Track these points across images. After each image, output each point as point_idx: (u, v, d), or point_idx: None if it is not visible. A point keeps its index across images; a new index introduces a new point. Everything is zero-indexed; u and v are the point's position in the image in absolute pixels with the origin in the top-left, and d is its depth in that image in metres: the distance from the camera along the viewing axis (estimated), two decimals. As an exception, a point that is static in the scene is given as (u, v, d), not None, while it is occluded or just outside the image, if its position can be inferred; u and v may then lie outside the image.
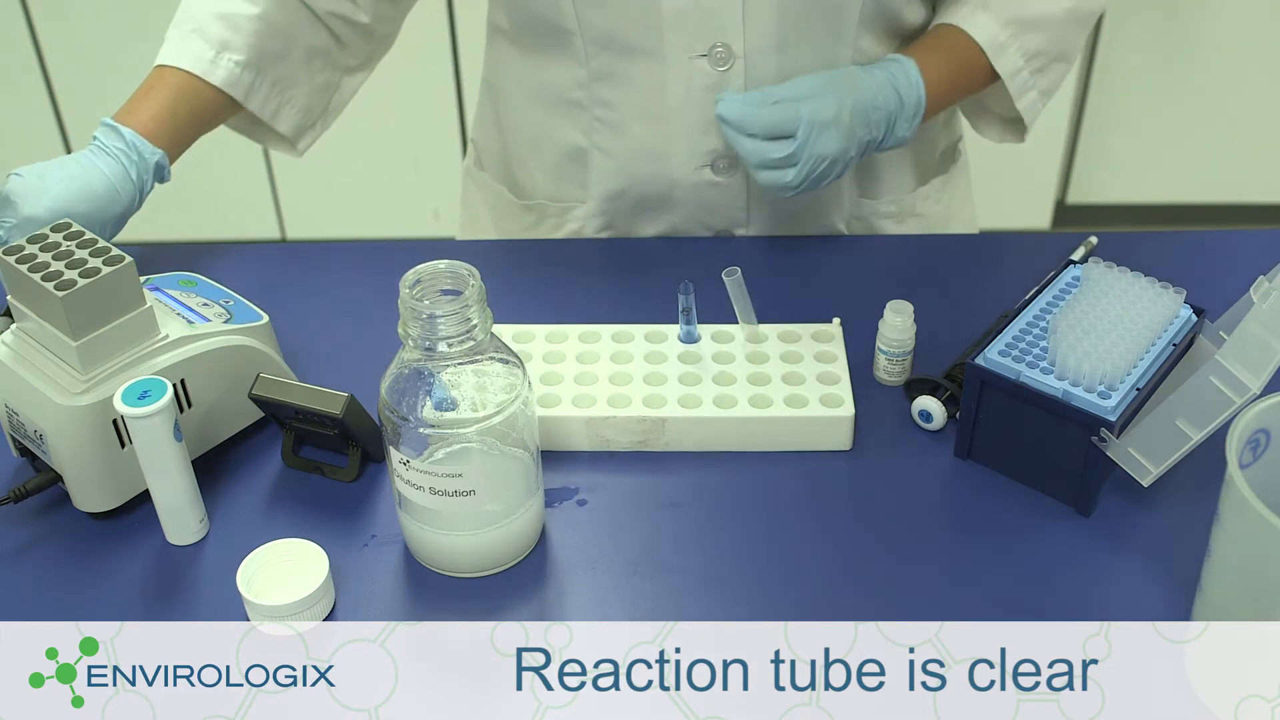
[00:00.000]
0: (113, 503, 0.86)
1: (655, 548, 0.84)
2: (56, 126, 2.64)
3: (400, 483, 0.79)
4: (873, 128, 1.02)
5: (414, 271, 0.76)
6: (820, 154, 0.98)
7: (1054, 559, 0.83)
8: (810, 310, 1.02)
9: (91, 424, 0.83)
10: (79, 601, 0.82)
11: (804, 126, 0.97)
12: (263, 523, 0.87)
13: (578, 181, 1.16)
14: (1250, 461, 0.72)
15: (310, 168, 2.74)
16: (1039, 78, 1.10)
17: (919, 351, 0.98)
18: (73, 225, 0.87)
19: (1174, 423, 0.78)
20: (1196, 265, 1.10)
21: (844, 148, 1.00)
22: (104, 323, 0.83)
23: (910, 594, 0.81)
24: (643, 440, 0.91)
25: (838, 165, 1.01)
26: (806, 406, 0.91)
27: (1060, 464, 0.85)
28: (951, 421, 0.93)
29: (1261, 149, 2.74)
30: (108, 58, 2.57)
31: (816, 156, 0.99)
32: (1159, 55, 2.62)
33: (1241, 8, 2.54)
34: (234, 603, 0.80)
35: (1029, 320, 0.90)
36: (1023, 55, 1.08)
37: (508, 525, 0.81)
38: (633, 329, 0.99)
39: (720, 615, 0.79)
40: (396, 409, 0.76)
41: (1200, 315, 0.91)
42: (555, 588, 0.82)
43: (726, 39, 1.02)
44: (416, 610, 0.81)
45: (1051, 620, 0.79)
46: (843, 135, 0.99)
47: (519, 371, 0.78)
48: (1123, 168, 2.78)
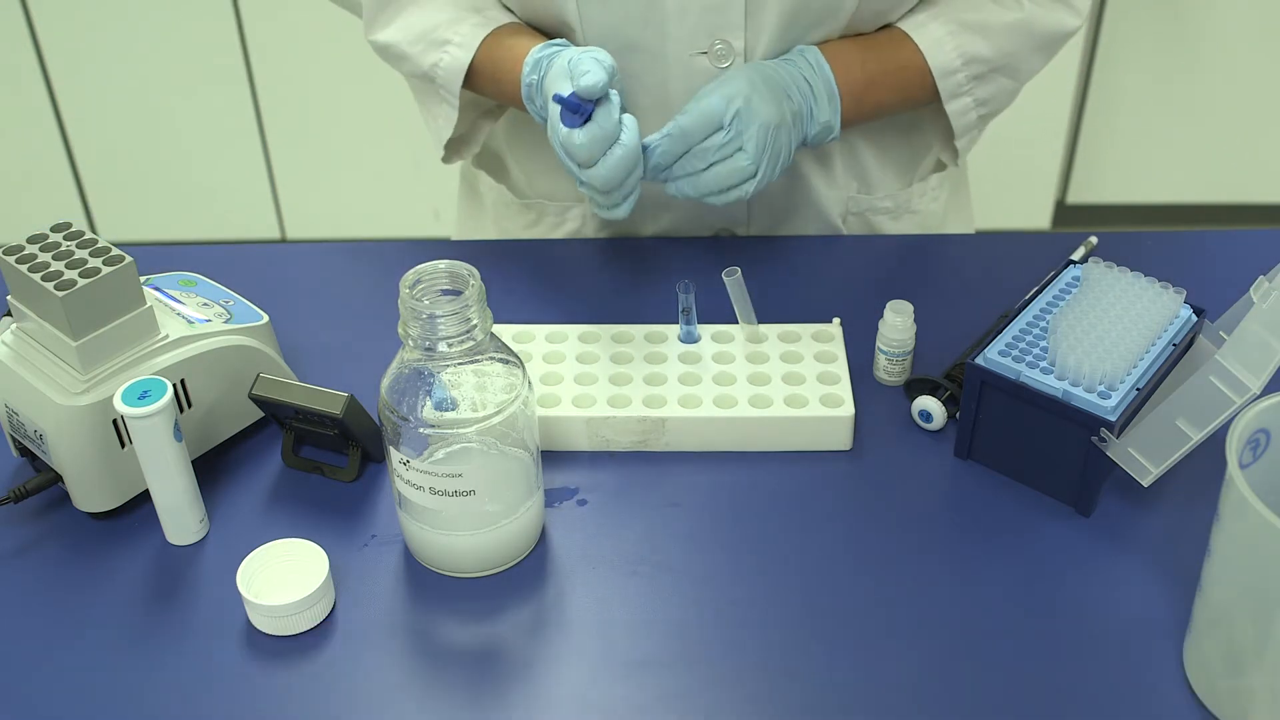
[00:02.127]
0: (113, 503, 0.86)
1: (655, 548, 0.84)
2: (56, 126, 2.64)
3: (400, 483, 0.79)
4: (793, 98, 0.97)
5: (414, 271, 0.76)
6: (762, 122, 0.93)
7: (1054, 559, 0.83)
8: (810, 310, 1.02)
9: (91, 424, 0.83)
10: (79, 601, 0.82)
11: (727, 103, 0.93)
12: (263, 523, 0.87)
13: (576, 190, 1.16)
14: (1250, 461, 0.72)
15: (310, 168, 2.76)
16: (977, 85, 1.06)
17: (919, 351, 0.98)
18: (72, 225, 0.87)
19: (1174, 423, 0.78)
20: (1196, 265, 1.10)
21: (779, 111, 0.95)
22: (104, 323, 0.83)
23: (910, 594, 0.81)
24: (643, 440, 0.92)
25: (783, 132, 0.96)
26: (806, 406, 0.91)
27: (1060, 464, 0.85)
28: (951, 421, 0.93)
29: (1261, 149, 2.74)
30: (108, 58, 2.57)
31: (759, 126, 0.93)
32: (1159, 55, 2.62)
33: (1241, 8, 2.54)
34: (234, 603, 0.80)
35: (1029, 320, 0.90)
36: (960, 56, 1.04)
37: (508, 525, 0.81)
38: (633, 329, 0.99)
39: (720, 615, 0.79)
40: (396, 409, 0.76)
41: (1200, 315, 0.91)
42: (555, 588, 0.82)
43: (727, 36, 1.02)
44: (416, 610, 0.81)
45: (1051, 620, 0.79)
46: (771, 100, 0.95)
47: (519, 371, 0.78)
48: (1123, 168, 2.78)
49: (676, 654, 0.77)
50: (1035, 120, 2.62)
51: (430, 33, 1.06)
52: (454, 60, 1.05)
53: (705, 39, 1.02)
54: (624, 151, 0.89)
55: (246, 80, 2.59)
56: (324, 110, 2.60)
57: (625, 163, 0.90)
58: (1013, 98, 1.10)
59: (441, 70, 1.06)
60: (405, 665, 0.77)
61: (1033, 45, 1.07)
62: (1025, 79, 1.09)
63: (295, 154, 2.68)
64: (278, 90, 2.61)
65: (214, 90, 2.60)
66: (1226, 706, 0.72)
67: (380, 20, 1.09)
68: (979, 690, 0.75)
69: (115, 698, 0.75)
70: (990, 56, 1.05)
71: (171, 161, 2.70)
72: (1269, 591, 0.66)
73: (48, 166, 2.68)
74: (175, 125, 2.65)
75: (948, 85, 1.05)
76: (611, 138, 0.89)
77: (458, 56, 1.05)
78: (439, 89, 1.08)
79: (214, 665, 0.77)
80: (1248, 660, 0.69)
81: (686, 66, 1.04)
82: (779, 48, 1.03)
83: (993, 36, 1.04)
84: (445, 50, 1.06)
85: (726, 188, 0.95)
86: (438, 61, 1.06)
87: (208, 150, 2.69)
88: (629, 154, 0.90)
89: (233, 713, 0.74)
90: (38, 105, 2.61)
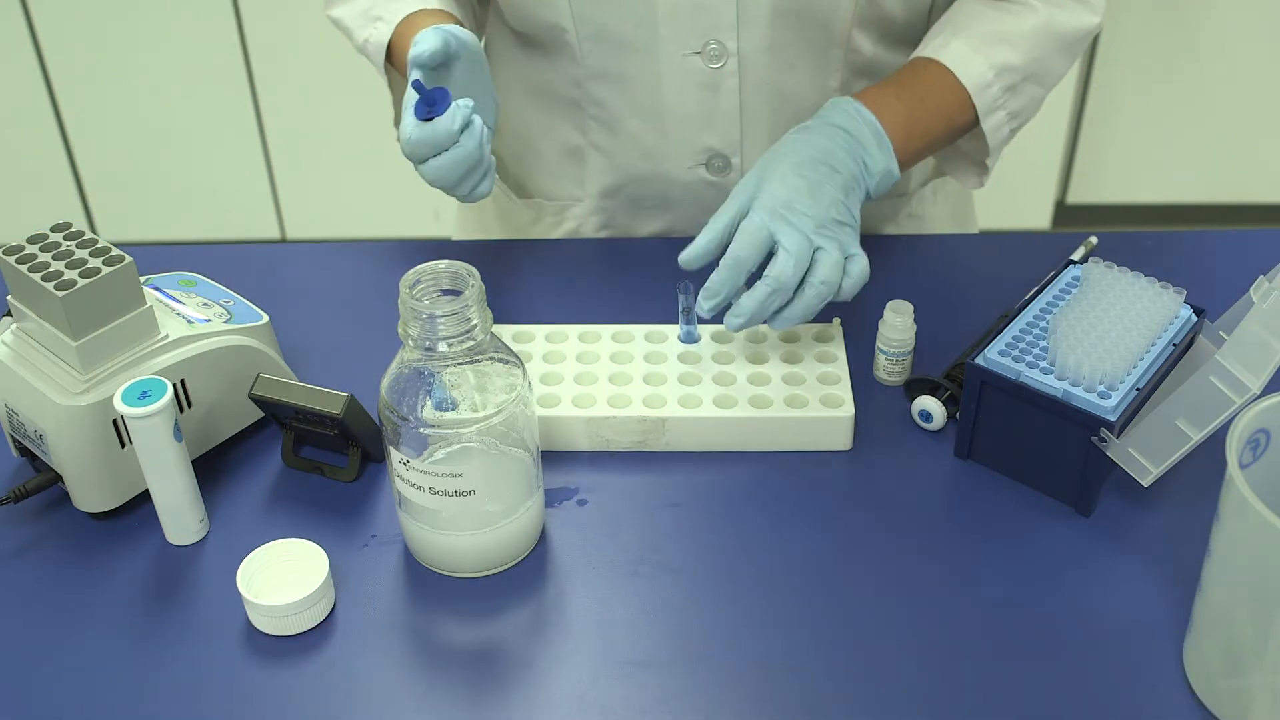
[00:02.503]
0: (113, 503, 0.86)
1: (655, 548, 0.84)
2: (56, 126, 2.64)
3: (400, 483, 0.79)
4: (839, 169, 0.92)
5: (414, 271, 0.76)
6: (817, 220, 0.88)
7: (1054, 559, 0.83)
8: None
9: (91, 424, 0.83)
10: (79, 601, 0.82)
11: (770, 219, 0.87)
12: (263, 523, 0.87)
13: (575, 179, 1.16)
14: (1250, 461, 0.72)
15: (310, 168, 2.75)
16: (1010, 97, 1.03)
17: (919, 351, 0.98)
18: (72, 225, 0.87)
19: (1174, 423, 0.78)
20: (1196, 265, 1.10)
21: (826, 199, 0.89)
22: (104, 323, 0.83)
23: (910, 594, 0.81)
24: (643, 440, 0.92)
25: (833, 210, 0.90)
26: (806, 406, 0.91)
27: (1060, 464, 0.85)
28: (951, 421, 0.93)
29: (1261, 149, 2.74)
30: (108, 58, 2.57)
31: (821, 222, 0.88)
32: (1158, 55, 2.62)
33: (1241, 8, 2.54)
34: (234, 603, 0.80)
35: (1029, 320, 0.90)
36: (990, 67, 1.01)
37: (508, 525, 0.81)
38: (632, 329, 0.99)
39: (720, 616, 0.79)
40: (396, 409, 0.76)
41: (1200, 315, 0.91)
42: (555, 588, 0.82)
43: (720, 36, 1.02)
44: (416, 610, 0.81)
45: (1051, 620, 0.79)
46: (811, 191, 0.89)
47: (519, 371, 0.78)
48: (1123, 168, 2.78)
49: (676, 654, 0.77)
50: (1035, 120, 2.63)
51: (370, 9, 1.07)
52: (379, 35, 1.06)
53: (698, 39, 1.02)
54: (455, 156, 0.90)
55: (246, 80, 2.59)
56: (324, 110, 2.60)
57: (455, 167, 0.91)
58: (1039, 108, 1.07)
59: (371, 46, 1.07)
60: (405, 665, 0.77)
61: (1056, 47, 1.04)
62: (1053, 84, 1.07)
63: (295, 154, 2.68)
64: (278, 90, 2.61)
65: (214, 90, 2.60)
66: (1226, 706, 0.72)
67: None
68: (979, 690, 0.75)
69: (115, 698, 0.75)
70: (1020, 64, 1.02)
71: (171, 161, 2.70)
72: (1269, 591, 0.66)
73: (48, 166, 2.68)
74: (175, 125, 2.65)
75: (984, 100, 1.02)
76: (442, 144, 0.89)
77: (383, 31, 1.06)
78: (373, 64, 1.09)
79: (214, 665, 0.77)
80: (1248, 660, 0.69)
81: (680, 66, 1.04)
82: (773, 48, 1.03)
83: (1018, 43, 1.02)
84: (375, 26, 1.06)
85: (828, 291, 0.88)
86: (369, 38, 1.07)
87: (208, 150, 2.69)
88: (461, 158, 0.90)
89: (233, 713, 0.74)
90: (38, 105, 2.61)
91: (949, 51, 1.01)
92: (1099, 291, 0.90)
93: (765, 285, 0.87)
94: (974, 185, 1.11)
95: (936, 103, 1.01)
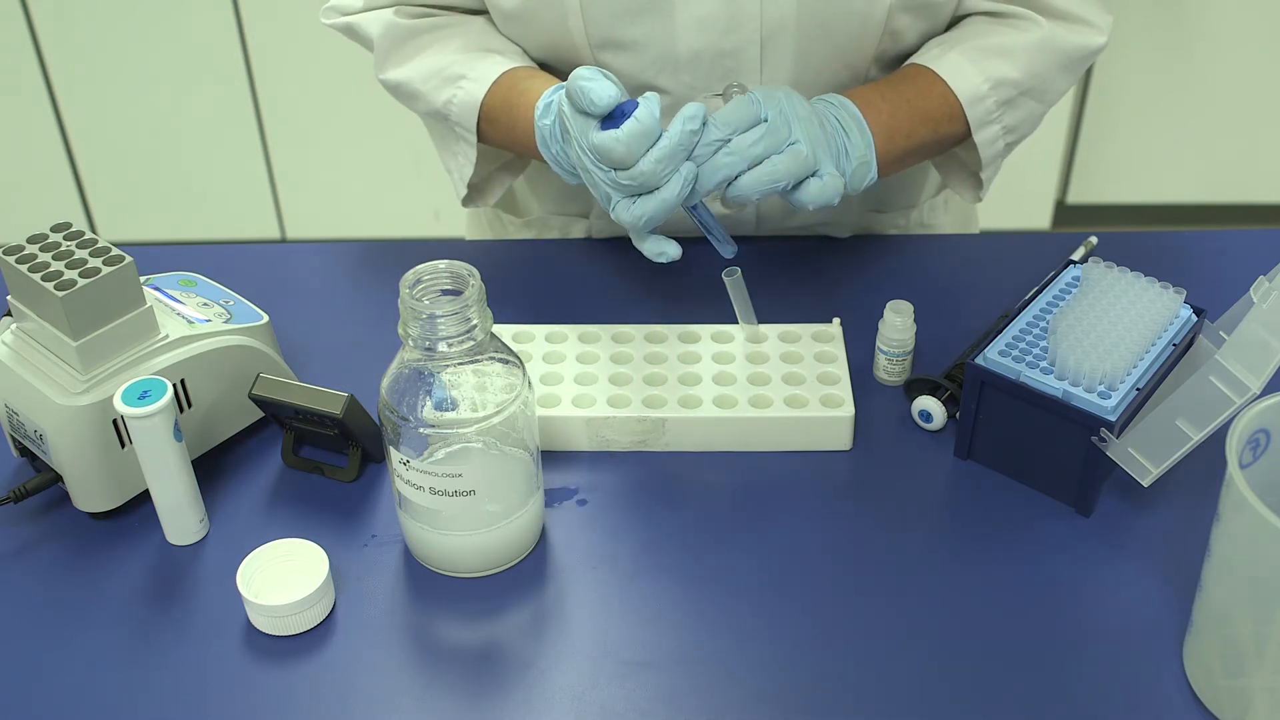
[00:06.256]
0: (113, 503, 0.86)
1: (655, 548, 0.84)
2: (56, 126, 2.64)
3: (400, 483, 0.79)
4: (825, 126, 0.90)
5: (414, 271, 0.76)
6: (804, 115, 0.87)
7: (1054, 559, 0.83)
8: (810, 310, 1.02)
9: (91, 424, 0.83)
10: (79, 601, 0.82)
11: (764, 96, 0.86)
12: (263, 523, 0.87)
13: (581, 206, 1.17)
14: (1250, 461, 0.72)
15: (310, 168, 2.75)
16: (1006, 111, 1.00)
17: (919, 351, 0.98)
18: (72, 225, 0.87)
19: (1174, 423, 0.78)
20: (1196, 265, 1.10)
21: (818, 115, 0.89)
22: (104, 323, 0.83)
23: (910, 594, 0.81)
24: (643, 440, 0.92)
25: (829, 130, 0.90)
26: (806, 406, 0.91)
27: (1060, 464, 0.85)
28: (951, 421, 0.93)
29: (1261, 149, 2.74)
30: (108, 58, 2.57)
31: (802, 120, 0.86)
32: (1159, 55, 2.62)
33: (1241, 8, 2.54)
34: (234, 603, 0.80)
35: (1029, 320, 0.90)
36: (986, 80, 0.98)
37: (508, 525, 0.81)
38: (632, 329, 0.99)
39: (720, 616, 0.79)
40: (396, 409, 0.76)
41: (1200, 315, 0.91)
42: (555, 588, 0.82)
43: (742, 79, 1.01)
44: (416, 610, 0.81)
45: (1052, 620, 0.79)
46: (807, 107, 0.88)
47: (519, 371, 0.78)
48: (1123, 168, 2.78)
49: (676, 654, 0.77)
50: (1035, 120, 2.60)
51: (444, 69, 1.02)
52: (468, 95, 1.00)
53: (720, 82, 1.01)
54: (668, 143, 0.82)
55: (246, 80, 2.59)
56: (324, 110, 2.60)
57: (677, 152, 0.83)
58: (1037, 124, 1.05)
59: (455, 106, 1.01)
60: (405, 665, 0.77)
61: (1057, 64, 1.02)
62: (1052, 101, 1.04)
63: (295, 154, 2.68)
64: (278, 90, 2.61)
65: (214, 90, 2.60)
66: (1226, 706, 0.72)
67: (392, 60, 1.06)
68: (979, 690, 0.75)
69: (115, 698, 0.75)
70: (1018, 78, 1.00)
71: (171, 161, 2.70)
72: (1269, 591, 0.66)
73: (48, 166, 2.68)
74: (175, 125, 2.65)
75: (977, 112, 0.99)
76: (653, 133, 0.82)
77: (472, 91, 1.00)
78: (454, 126, 1.03)
79: (214, 665, 0.77)
80: (1248, 660, 0.69)
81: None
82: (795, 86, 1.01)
83: (1017, 57, 1.00)
84: (460, 85, 1.01)
85: (797, 179, 0.86)
86: (451, 97, 1.01)
87: (208, 150, 2.69)
88: (675, 144, 0.82)
89: (233, 713, 0.74)
90: (38, 105, 2.61)
91: (945, 61, 1.00)
92: (1099, 291, 0.90)
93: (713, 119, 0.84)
94: (971, 199, 1.10)
95: (923, 108, 0.99)
